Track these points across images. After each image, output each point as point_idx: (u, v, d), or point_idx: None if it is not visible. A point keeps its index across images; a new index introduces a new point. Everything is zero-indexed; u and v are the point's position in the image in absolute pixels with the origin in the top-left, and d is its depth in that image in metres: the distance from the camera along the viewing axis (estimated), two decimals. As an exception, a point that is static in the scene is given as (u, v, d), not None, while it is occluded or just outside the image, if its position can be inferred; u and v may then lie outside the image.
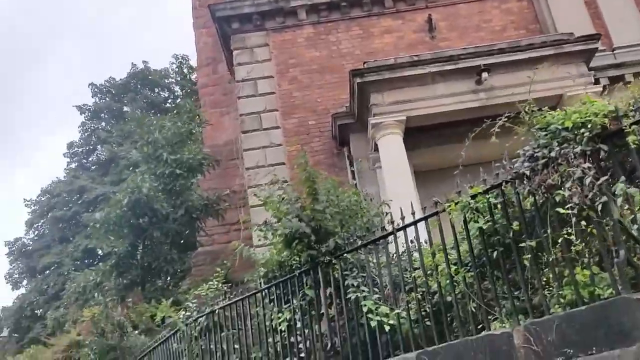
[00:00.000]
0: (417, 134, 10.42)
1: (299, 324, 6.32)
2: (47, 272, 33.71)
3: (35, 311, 33.14)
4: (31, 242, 36.26)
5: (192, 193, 13.02)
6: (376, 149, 10.49)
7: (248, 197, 11.17)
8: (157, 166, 12.28)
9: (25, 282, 36.10)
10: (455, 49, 10.75)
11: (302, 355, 6.31)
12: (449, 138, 10.21)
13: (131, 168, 29.31)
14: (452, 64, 10.23)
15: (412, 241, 5.58)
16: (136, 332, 11.25)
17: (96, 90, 38.86)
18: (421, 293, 5.32)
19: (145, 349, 10.30)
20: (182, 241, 13.52)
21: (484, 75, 9.96)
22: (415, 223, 5.37)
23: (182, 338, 8.33)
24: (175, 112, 18.65)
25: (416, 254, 5.50)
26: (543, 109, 4.78)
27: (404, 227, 5.48)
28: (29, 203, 36.79)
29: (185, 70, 39.20)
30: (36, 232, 36.56)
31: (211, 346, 7.70)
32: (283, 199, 6.71)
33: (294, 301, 6.43)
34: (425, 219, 5.28)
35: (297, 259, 6.44)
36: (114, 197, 11.91)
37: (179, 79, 38.80)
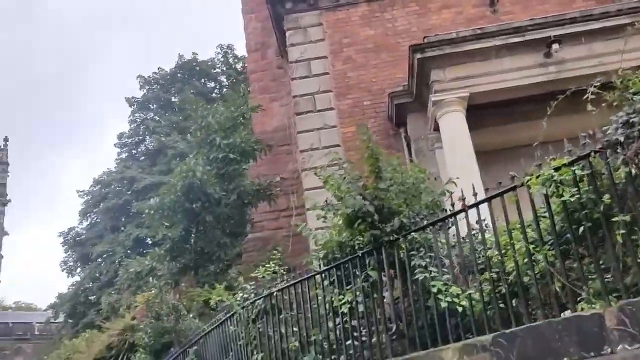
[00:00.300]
0: (479, 112, 9.91)
1: (360, 307, 6.04)
2: (100, 260, 34.49)
3: (89, 297, 33.95)
4: (84, 232, 37.16)
5: (244, 178, 12.89)
6: (436, 129, 10.07)
7: (302, 180, 10.92)
8: (210, 151, 12.19)
9: (79, 269, 37.04)
10: (522, 21, 10.17)
11: (364, 339, 6.05)
12: (513, 117, 9.74)
13: (178, 158, 29.63)
14: (519, 36, 9.67)
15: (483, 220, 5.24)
16: (190, 315, 11.18)
17: (144, 82, 39.43)
18: (495, 273, 4.97)
19: (200, 332, 10.21)
20: (233, 227, 13.41)
21: (554, 47, 9.37)
22: (489, 199, 5.02)
23: (238, 321, 8.18)
24: (223, 100, 18.57)
25: (488, 233, 5.17)
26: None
27: (477, 204, 5.11)
28: (82, 194, 37.67)
29: (230, 60, 39.38)
30: (89, 222, 37.43)
31: (268, 329, 7.52)
32: (344, 178, 6.45)
33: (356, 283, 6.16)
34: (501, 194, 4.91)
35: (361, 238, 6.16)
36: (168, 183, 11.85)
37: (224, 68, 38.98)
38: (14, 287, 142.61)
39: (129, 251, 31.13)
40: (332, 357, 6.32)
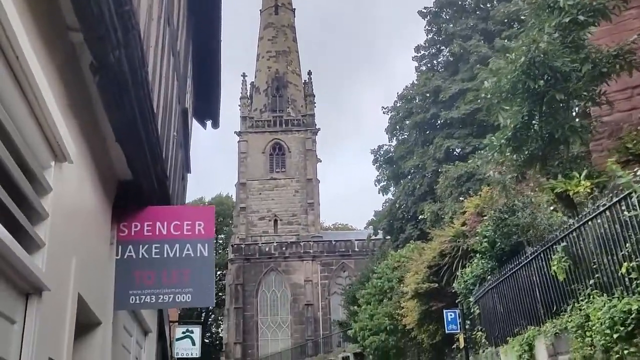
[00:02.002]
0: None
1: None
2: (410, 176, 34.74)
3: (404, 214, 34.44)
4: (393, 149, 37.70)
5: (592, 45, 10.53)
6: None
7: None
8: (550, 17, 10.11)
9: (392, 187, 37.90)
10: None
11: None
12: None
13: (478, 65, 27.67)
14: None
15: None
16: (551, 208, 9.60)
17: (436, -10, 37.89)
18: None
19: (568, 225, 8.66)
20: (583, 107, 11.23)
21: None
22: None
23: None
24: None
25: None
26: None
27: None
28: (386, 110, 38.10)
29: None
30: (397, 138, 37.84)
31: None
32: None
33: None
34: None
35: None
36: (504, 60, 10.15)
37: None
38: (331, 210, 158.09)
39: (439, 163, 30.53)
40: None
